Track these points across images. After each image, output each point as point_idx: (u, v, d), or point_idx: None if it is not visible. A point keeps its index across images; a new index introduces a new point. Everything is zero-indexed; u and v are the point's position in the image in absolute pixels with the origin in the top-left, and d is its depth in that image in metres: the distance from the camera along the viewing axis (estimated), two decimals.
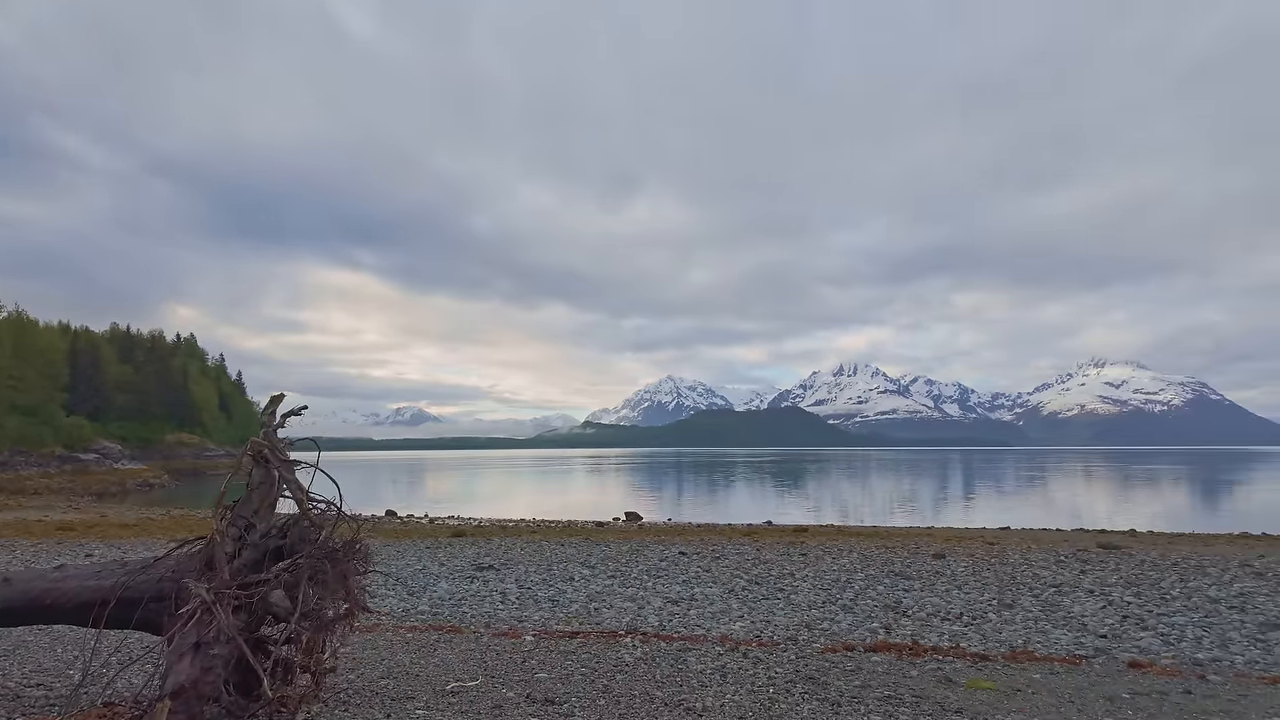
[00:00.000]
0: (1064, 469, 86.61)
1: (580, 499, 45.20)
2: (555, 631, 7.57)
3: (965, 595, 10.32)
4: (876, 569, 12.74)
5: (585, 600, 10.01)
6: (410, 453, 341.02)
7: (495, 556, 14.61)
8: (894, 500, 42.36)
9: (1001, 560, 13.63)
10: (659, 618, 8.79)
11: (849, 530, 21.87)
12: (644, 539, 18.11)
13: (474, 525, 24.77)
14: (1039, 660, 6.44)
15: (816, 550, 15.30)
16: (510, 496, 48.64)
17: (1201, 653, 7.15)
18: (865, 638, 7.63)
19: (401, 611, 9.33)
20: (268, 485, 4.49)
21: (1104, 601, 9.76)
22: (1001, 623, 8.61)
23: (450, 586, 11.24)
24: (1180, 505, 38.69)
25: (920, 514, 33.25)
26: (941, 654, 6.53)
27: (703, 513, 32.75)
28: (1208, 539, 19.02)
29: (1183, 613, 9.02)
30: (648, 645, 6.58)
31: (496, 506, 37.34)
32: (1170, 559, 13.64)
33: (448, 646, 6.51)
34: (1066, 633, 8.03)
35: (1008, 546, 15.95)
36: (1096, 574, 12.00)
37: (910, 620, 8.76)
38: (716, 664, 5.82)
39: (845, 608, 9.50)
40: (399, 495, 50.06)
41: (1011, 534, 20.61)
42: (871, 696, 4.88)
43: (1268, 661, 6.82)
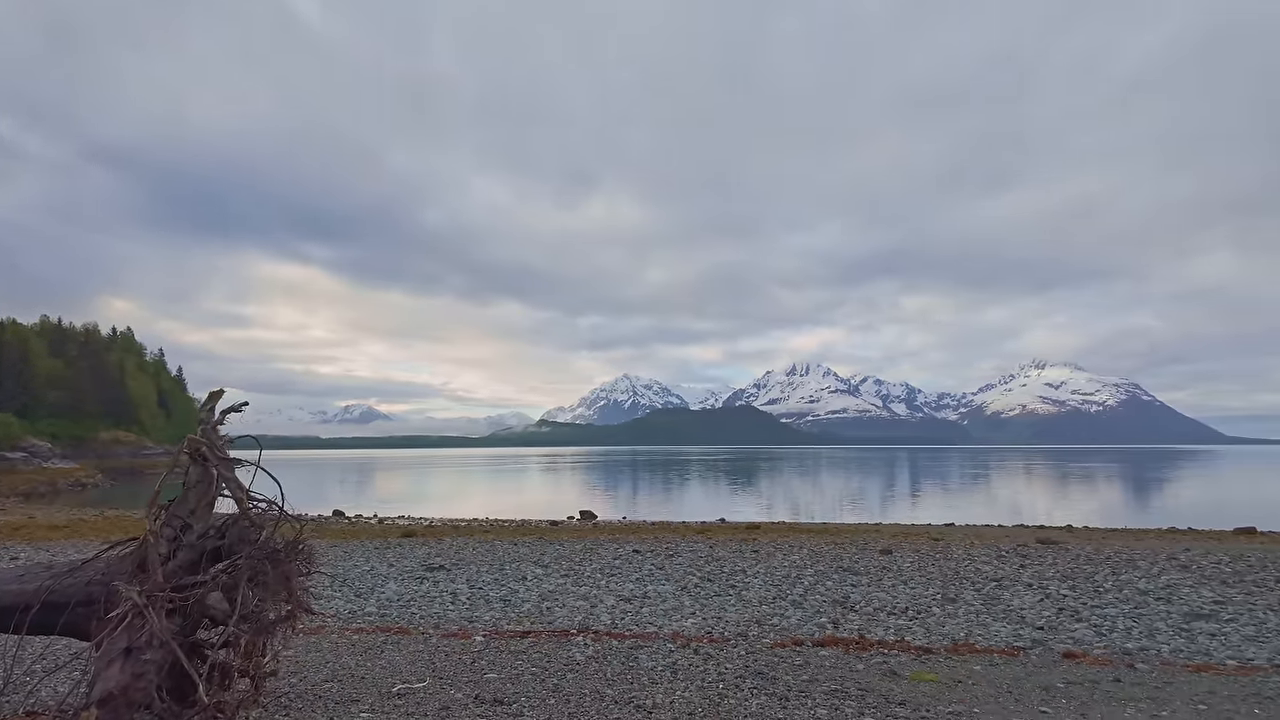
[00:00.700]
0: (1005, 467, 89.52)
1: (535, 498, 44.90)
2: (506, 631, 7.50)
3: (911, 590, 10.57)
4: (826, 565, 12.96)
5: (538, 600, 9.94)
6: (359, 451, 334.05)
7: (446, 557, 14.40)
8: (844, 498, 43.17)
9: (946, 556, 14.00)
10: (611, 616, 8.79)
11: (800, 527, 22.21)
12: (598, 537, 18.08)
13: (425, 525, 24.37)
14: (980, 652, 6.64)
15: (768, 547, 15.49)
16: (463, 496, 48.04)
17: (1131, 642, 7.46)
18: (814, 632, 7.75)
19: (348, 613, 9.12)
20: (205, 484, 4.33)
21: (1042, 595, 10.11)
22: (945, 616, 8.85)
23: (399, 587, 11.04)
24: (1113, 502, 40.37)
25: (869, 511, 33.95)
26: (887, 648, 6.68)
27: (657, 511, 32.86)
28: (1138, 534, 19.88)
29: (1114, 605, 9.40)
30: (599, 643, 6.57)
31: (448, 506, 36.83)
32: (1104, 553, 14.20)
33: (395, 648, 6.39)
34: (1006, 625, 8.30)
35: (952, 542, 16.40)
36: (1035, 568, 12.42)
37: (858, 615, 8.94)
38: (668, 661, 5.84)
39: (795, 603, 9.64)
40: (347, 495, 48.97)
41: (956, 530, 21.20)
42: (818, 690, 4.96)
43: (1191, 650, 7.15)
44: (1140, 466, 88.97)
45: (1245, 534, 19.71)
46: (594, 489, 51.39)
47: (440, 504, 38.81)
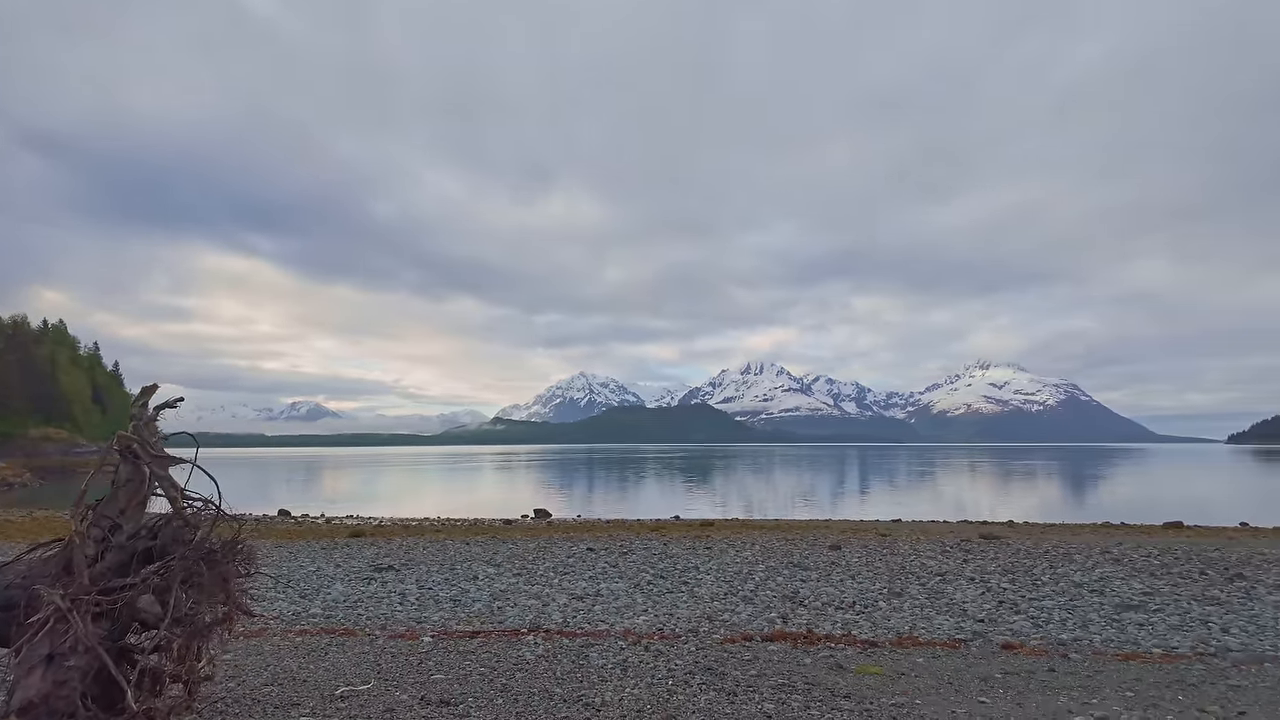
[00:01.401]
0: (950, 465, 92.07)
1: (488, 496, 44.43)
2: (455, 632, 7.40)
3: (858, 585, 10.79)
4: (777, 561, 13.13)
5: (489, 599, 9.83)
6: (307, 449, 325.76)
7: (396, 557, 14.14)
8: (795, 495, 43.82)
9: (893, 551, 14.32)
10: (563, 614, 8.74)
11: (753, 524, 22.46)
12: (552, 536, 17.99)
13: (374, 525, 23.90)
14: (923, 645, 6.80)
15: (721, 543, 15.62)
16: (414, 495, 47.27)
17: (1065, 633, 7.74)
18: (763, 627, 7.84)
19: (291, 615, 8.88)
20: (137, 483, 4.16)
21: (983, 588, 10.42)
22: (891, 610, 9.05)
23: (346, 588, 10.80)
24: (1052, 498, 41.87)
25: (819, 508, 34.52)
26: (834, 641, 6.80)
27: (612, 509, 32.84)
28: (1075, 529, 20.65)
29: (1051, 597, 9.74)
30: (550, 642, 6.53)
31: (399, 505, 36.19)
32: (1042, 548, 14.71)
33: (340, 650, 6.25)
34: (949, 618, 8.53)
35: (899, 538, 16.78)
36: (978, 562, 12.80)
37: (806, 610, 9.08)
38: (618, 658, 5.83)
39: (746, 599, 9.74)
40: (293, 494, 47.71)
41: (902, 526, 21.70)
42: (766, 685, 5.02)
43: (1121, 640, 7.46)
44: (1077, 464, 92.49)
45: (1173, 528, 20.65)
46: (549, 487, 51.12)
47: (390, 503, 38.11)
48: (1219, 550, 13.81)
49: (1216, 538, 17.06)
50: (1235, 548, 14.40)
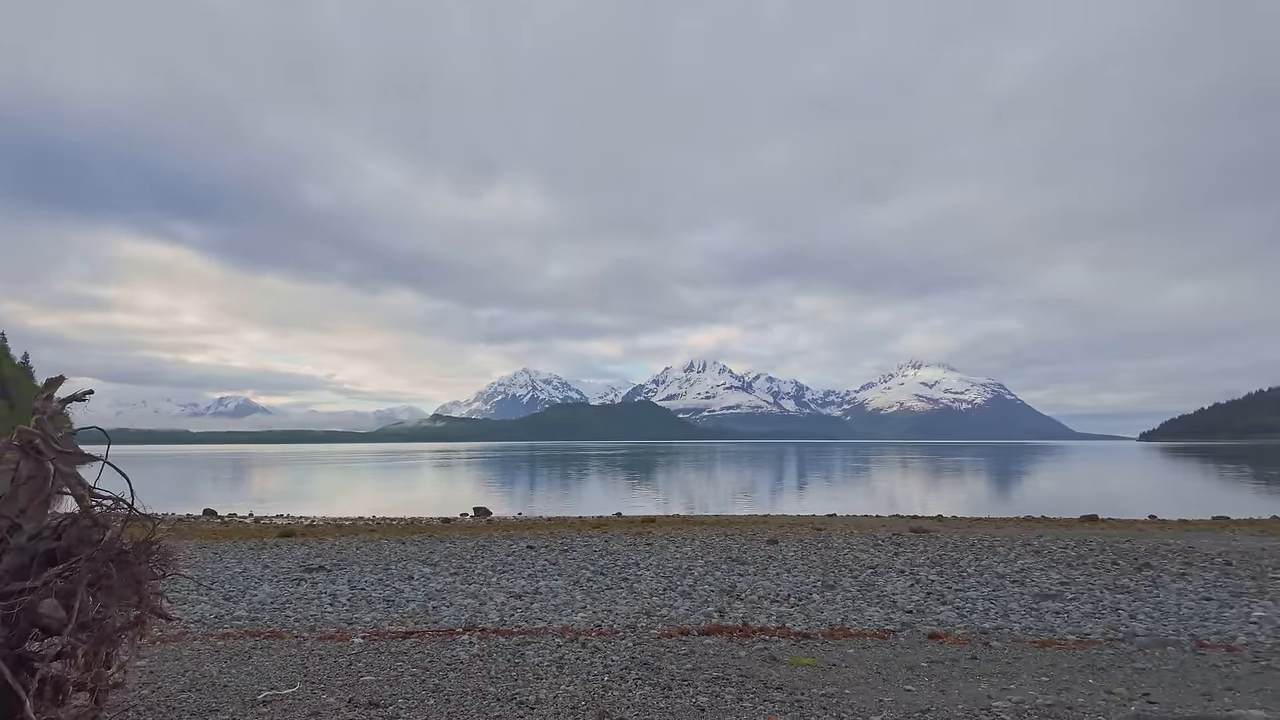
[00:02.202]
0: (884, 461, 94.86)
1: (426, 495, 43.59)
2: (388, 632, 7.23)
3: (793, 578, 11.00)
4: (716, 555, 13.28)
5: (423, 599, 9.64)
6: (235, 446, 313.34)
7: (327, 557, 13.74)
8: (735, 490, 44.43)
9: (827, 545, 14.66)
10: (500, 613, 8.64)
11: (693, 519, 22.67)
12: (492, 534, 17.76)
13: (305, 525, 23.17)
14: (854, 636, 6.98)
15: (662, 540, 15.71)
16: (348, 493, 46.00)
17: (988, 623, 8.06)
18: (700, 621, 7.91)
19: (214, 618, 8.53)
20: (39, 480, 3.91)
21: (912, 580, 10.76)
22: (824, 602, 9.26)
23: (273, 589, 10.44)
24: (978, 493, 43.59)
25: (758, 503, 35.10)
26: (769, 634, 6.91)
27: (554, 506, 32.66)
28: (999, 522, 21.54)
29: (976, 588, 10.13)
30: (486, 641, 6.45)
31: (332, 504, 35.17)
32: (969, 540, 15.29)
33: (265, 653, 6.03)
34: (879, 610, 8.77)
35: (833, 532, 17.19)
36: (908, 555, 13.21)
37: (743, 603, 9.21)
38: (554, 656, 5.80)
39: (684, 594, 9.82)
40: (220, 493, 45.86)
41: (837, 520, 22.23)
42: (701, 678, 5.06)
43: (1039, 627, 7.80)
44: (1002, 460, 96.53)
45: (1089, 521, 21.74)
46: (489, 485, 50.49)
47: (323, 502, 37.00)
48: (1129, 541, 14.60)
49: (1128, 530, 18.03)
50: (1144, 539, 15.25)
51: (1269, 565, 11.42)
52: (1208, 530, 17.88)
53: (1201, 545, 13.87)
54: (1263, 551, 12.93)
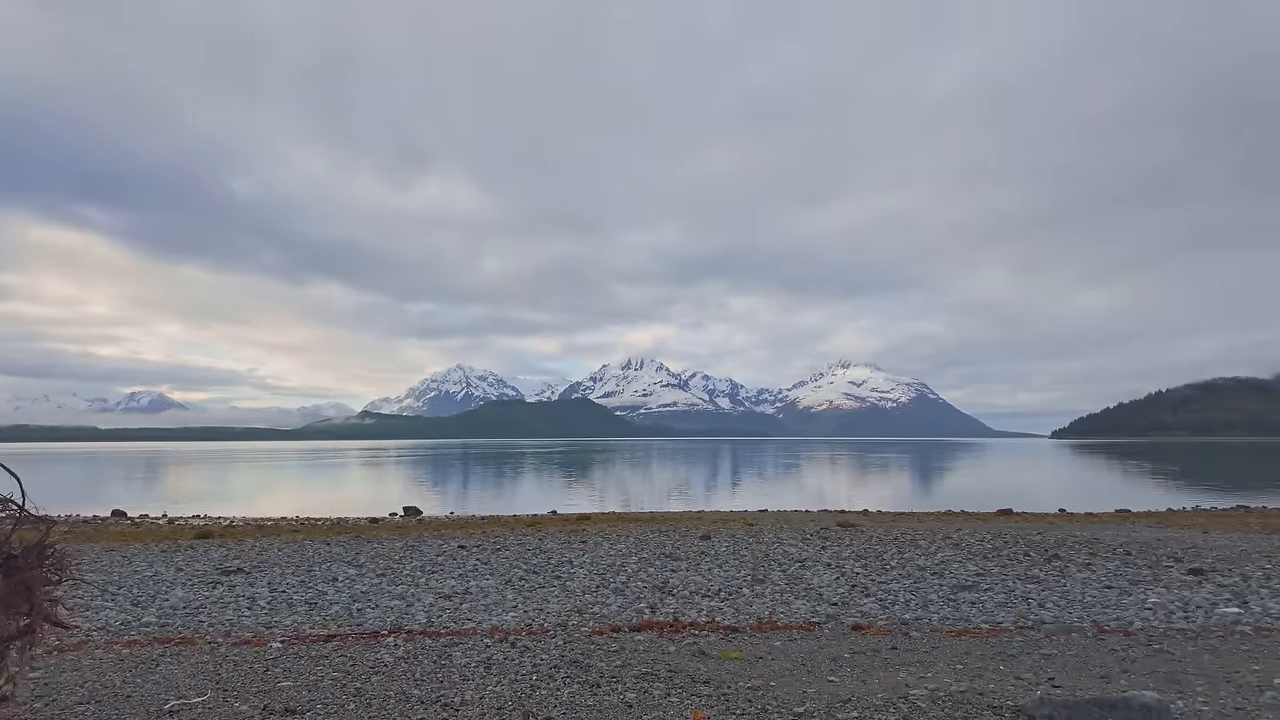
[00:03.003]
0: (814, 457, 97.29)
1: (354, 494, 42.34)
2: (309, 636, 6.98)
3: (725, 573, 11.16)
4: (650, 552, 13.35)
5: (348, 601, 9.36)
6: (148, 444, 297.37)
7: (246, 559, 13.19)
8: (671, 487, 44.78)
9: (758, 540, 14.93)
10: (428, 614, 8.46)
11: (629, 516, 22.72)
12: (422, 534, 17.39)
13: (224, 525, 22.19)
14: (781, 629, 7.12)
15: (596, 537, 15.69)
16: (271, 493, 44.28)
17: (909, 613, 8.35)
18: (632, 618, 7.94)
19: (120, 625, 8.07)
20: None
21: (838, 573, 11.06)
22: (753, 596, 9.42)
23: (187, 594, 9.95)
24: (902, 488, 45.17)
25: (693, 499, 35.48)
26: (699, 629, 6.98)
27: (488, 505, 32.22)
28: (921, 516, 22.37)
29: (898, 580, 10.49)
30: (412, 643, 6.30)
31: (253, 504, 33.80)
32: (892, 534, 15.81)
33: (175, 661, 5.73)
34: (806, 603, 8.99)
35: (764, 527, 17.52)
36: (834, 549, 13.57)
37: (674, 599, 9.28)
38: (482, 656, 5.71)
39: (617, 591, 9.83)
40: (132, 493, 43.47)
41: (768, 516, 22.67)
42: (630, 674, 5.07)
43: (956, 617, 8.14)
44: (925, 457, 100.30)
45: (1004, 515, 22.81)
46: (420, 484, 49.41)
47: (244, 502, 35.52)
48: (1040, 534, 15.38)
49: (1039, 523, 19.00)
50: (1054, 531, 16.09)
51: (1164, 555, 12.21)
52: (1110, 523, 19.01)
53: (1105, 536, 14.72)
54: (1158, 542, 13.82)
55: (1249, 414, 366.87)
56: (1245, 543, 13.70)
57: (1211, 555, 12.09)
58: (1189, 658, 5.70)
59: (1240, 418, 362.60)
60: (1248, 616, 7.79)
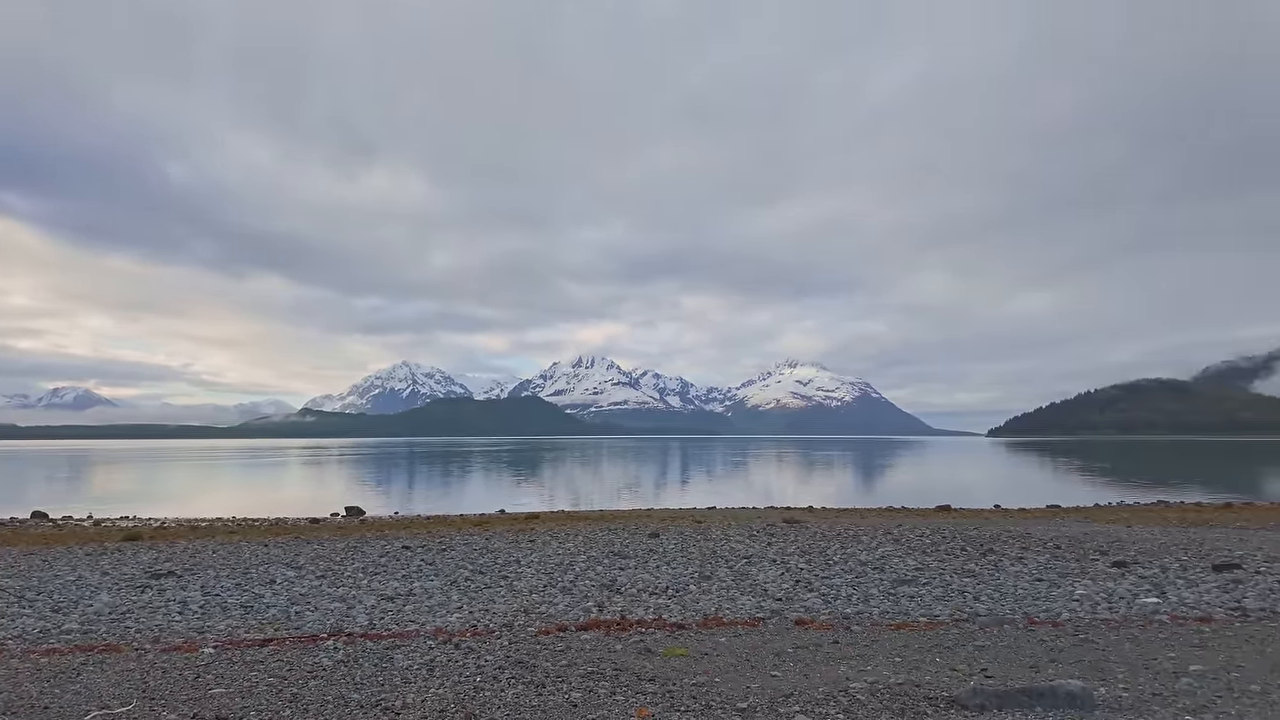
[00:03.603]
0: (761, 455, 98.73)
1: (294, 494, 41.17)
2: (243, 640, 6.75)
3: (672, 570, 11.22)
4: (598, 550, 13.34)
5: (286, 604, 9.09)
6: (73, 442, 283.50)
7: (178, 561, 12.70)
8: (621, 485, 44.85)
9: (706, 537, 15.06)
10: (370, 616, 8.28)
11: (578, 515, 22.67)
12: (365, 534, 17.01)
13: (155, 527, 21.31)
14: (726, 625, 7.20)
15: (545, 536, 15.60)
16: (206, 493, 42.72)
17: (850, 608, 8.54)
18: (579, 617, 7.92)
19: (38, 632, 7.67)
20: None
21: (783, 569, 11.24)
22: (700, 593, 9.50)
23: (113, 599, 9.52)
24: (846, 485, 46.21)
25: (642, 497, 35.60)
26: (646, 626, 7.01)
27: (434, 505, 31.72)
28: (864, 512, 22.91)
29: (840, 575, 10.71)
30: (352, 646, 6.15)
31: (187, 504, 32.57)
32: (836, 530, 16.15)
33: (98, 669, 5.47)
34: (751, 598, 9.10)
35: (712, 524, 17.69)
36: (780, 545, 13.79)
37: (622, 597, 9.29)
38: (425, 659, 5.61)
39: (565, 589, 9.79)
40: (54, 493, 41.39)
41: (716, 513, 22.91)
42: (575, 674, 5.05)
43: (895, 611, 8.35)
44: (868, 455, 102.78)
45: (943, 511, 23.54)
46: (363, 483, 48.34)
47: (177, 502, 34.19)
48: (976, 529, 15.91)
49: (975, 518, 19.66)
50: (989, 526, 16.67)
51: (1090, 549, 12.77)
52: (1042, 518, 19.80)
53: (1036, 531, 15.31)
54: (1086, 536, 14.44)
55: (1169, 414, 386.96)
56: (1165, 536, 14.44)
57: (1134, 548, 12.70)
58: (1112, 646, 5.97)
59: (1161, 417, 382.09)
60: (1165, 606, 8.21)
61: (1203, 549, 12.50)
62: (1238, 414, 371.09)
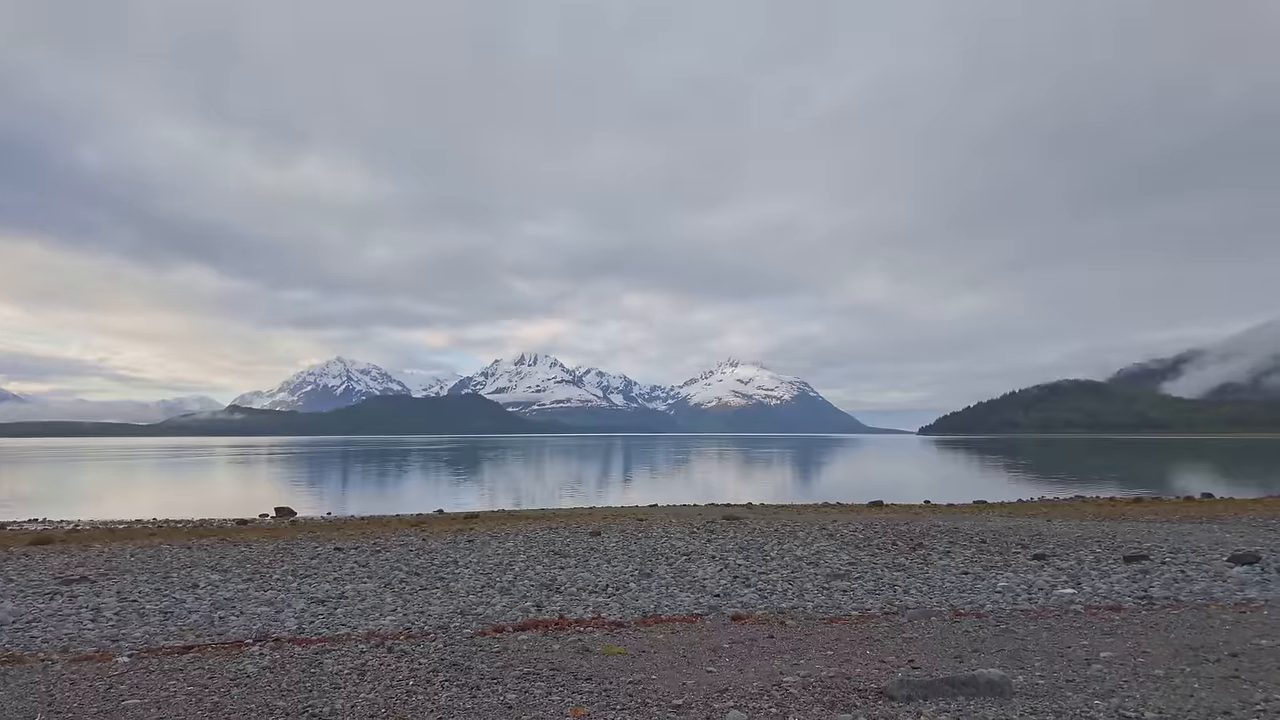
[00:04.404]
0: (703, 453, 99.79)
1: (221, 495, 39.56)
2: (162, 649, 6.45)
3: (613, 568, 11.23)
4: (539, 549, 13.25)
5: (209, 609, 8.72)
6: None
7: (92, 566, 12.04)
8: (564, 483, 44.63)
9: (647, 534, 15.13)
10: (299, 621, 8.02)
11: (519, 514, 22.45)
12: (296, 536, 16.47)
13: (67, 530, 20.15)
14: (665, 622, 7.25)
15: (484, 536, 15.40)
16: (124, 494, 40.66)
17: (785, 602, 8.71)
18: (517, 617, 7.85)
19: None
20: None
21: (721, 565, 11.38)
22: (640, 591, 9.54)
23: (17, 607, 8.96)
24: (785, 482, 47.14)
25: (585, 495, 35.52)
26: (584, 626, 6.99)
27: (369, 505, 30.93)
28: (801, 508, 23.39)
29: (776, 570, 10.91)
30: (280, 651, 5.95)
31: (103, 506, 30.92)
32: (774, 526, 16.44)
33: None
34: (690, 595, 9.19)
35: (654, 522, 17.78)
36: (719, 542, 13.95)
37: (562, 596, 9.25)
38: (356, 663, 5.46)
39: (503, 590, 9.69)
40: None
41: (658, 510, 23.04)
42: (511, 675, 5.00)
43: (829, 605, 8.56)
44: (806, 452, 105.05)
45: (876, 507, 24.21)
46: (295, 483, 46.79)
47: (92, 504, 32.41)
48: (907, 524, 16.42)
49: (907, 514, 20.30)
50: (919, 521, 17.23)
51: (1013, 542, 13.35)
52: (969, 513, 20.58)
53: (963, 526, 15.91)
54: (1009, 530, 15.09)
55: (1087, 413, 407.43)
56: (1081, 529, 15.20)
57: (1053, 541, 13.33)
58: (1030, 636, 6.25)
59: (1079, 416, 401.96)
60: (1080, 596, 8.65)
61: (1115, 541, 13.21)
62: (1148, 413, 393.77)
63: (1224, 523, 16.41)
